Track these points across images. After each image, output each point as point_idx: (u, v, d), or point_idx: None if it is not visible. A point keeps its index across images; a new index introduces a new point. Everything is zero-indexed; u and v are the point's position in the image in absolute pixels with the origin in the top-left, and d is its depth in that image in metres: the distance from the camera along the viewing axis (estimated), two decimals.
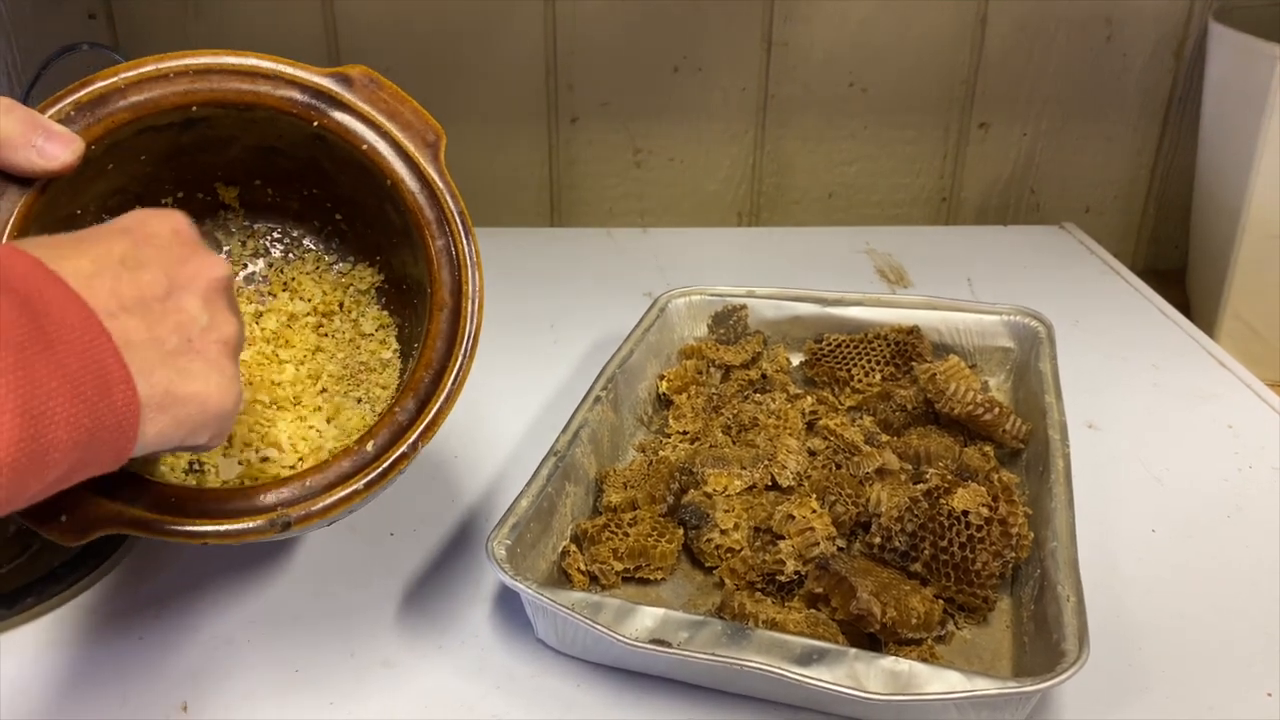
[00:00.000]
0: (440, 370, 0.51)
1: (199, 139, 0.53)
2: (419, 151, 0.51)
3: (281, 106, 0.51)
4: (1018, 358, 0.77)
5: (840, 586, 0.54)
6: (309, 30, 1.08)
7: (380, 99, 0.52)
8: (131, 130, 0.49)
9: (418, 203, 0.51)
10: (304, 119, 0.51)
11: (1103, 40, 1.11)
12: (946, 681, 0.47)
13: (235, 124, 0.52)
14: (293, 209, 0.59)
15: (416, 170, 0.52)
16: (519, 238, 1.11)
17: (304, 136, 0.52)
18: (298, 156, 0.54)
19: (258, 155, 0.55)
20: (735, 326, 0.82)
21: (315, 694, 0.53)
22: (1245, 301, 0.97)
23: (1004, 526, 0.57)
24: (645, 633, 0.50)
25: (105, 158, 0.50)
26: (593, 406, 0.67)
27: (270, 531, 0.46)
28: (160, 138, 0.51)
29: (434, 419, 0.50)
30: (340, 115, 0.51)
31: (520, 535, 0.56)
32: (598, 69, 1.11)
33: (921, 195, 1.19)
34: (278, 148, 0.54)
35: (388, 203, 0.53)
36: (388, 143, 0.51)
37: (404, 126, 0.52)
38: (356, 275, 0.61)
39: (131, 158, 0.52)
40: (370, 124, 0.51)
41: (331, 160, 0.54)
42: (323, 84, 0.51)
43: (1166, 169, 1.18)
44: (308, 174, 0.56)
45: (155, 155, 0.53)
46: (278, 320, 0.59)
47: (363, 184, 0.53)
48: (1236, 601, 0.59)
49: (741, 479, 0.64)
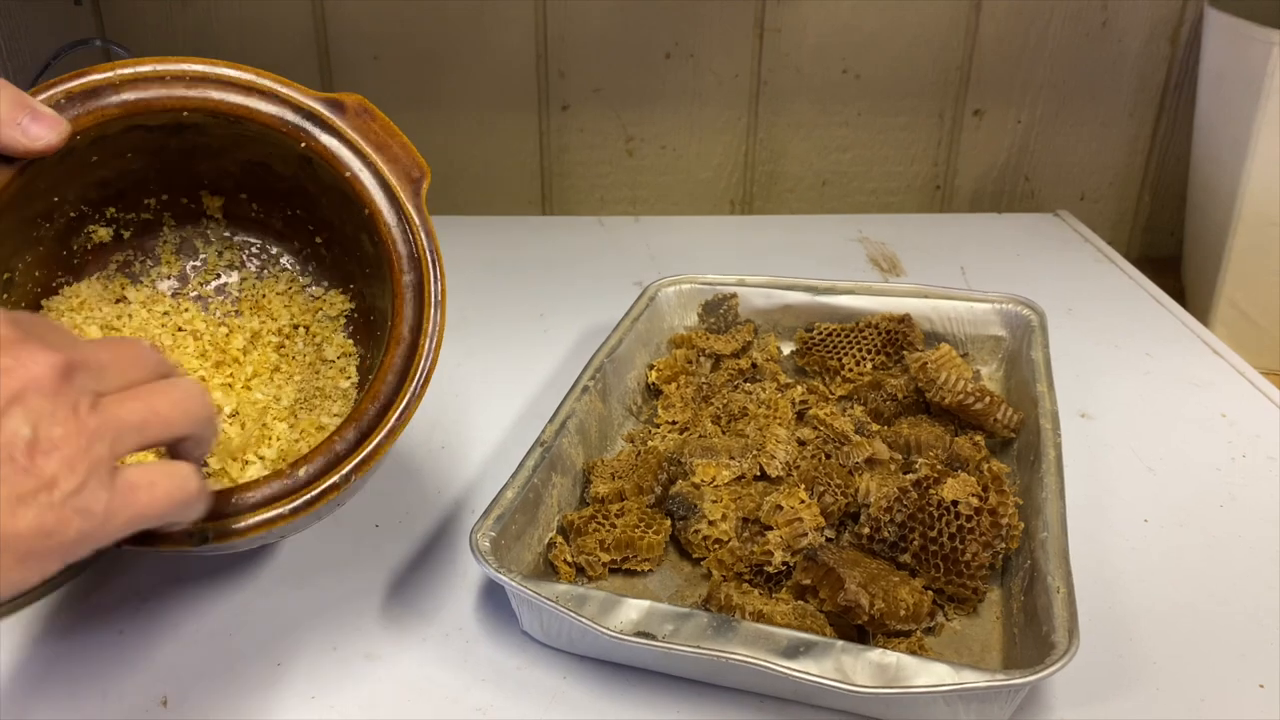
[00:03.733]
0: (387, 405, 0.49)
1: (189, 146, 0.53)
2: (401, 186, 0.51)
3: (272, 124, 0.51)
4: (1009, 346, 0.77)
5: (828, 578, 0.54)
6: (298, 18, 1.07)
7: (371, 129, 0.52)
8: (121, 126, 0.49)
9: (392, 235, 0.51)
10: (292, 138, 0.51)
11: (1098, 26, 1.10)
12: (934, 674, 0.46)
13: (225, 136, 0.52)
14: (275, 227, 0.59)
15: (396, 204, 0.51)
16: (509, 226, 1.10)
17: (292, 156, 0.52)
18: (285, 175, 0.55)
19: (247, 169, 0.55)
20: (725, 315, 0.81)
21: (297, 687, 0.53)
22: (1240, 289, 0.97)
23: (994, 517, 0.56)
24: (630, 625, 0.49)
25: (90, 150, 0.50)
26: (580, 396, 0.67)
27: (187, 543, 0.44)
28: (150, 138, 0.51)
29: (372, 452, 0.48)
30: (328, 139, 0.51)
31: (505, 527, 0.55)
32: (589, 56, 1.10)
33: (915, 183, 1.19)
34: (267, 164, 0.54)
35: (364, 232, 0.53)
36: (371, 173, 0.51)
37: (390, 159, 0.52)
38: (328, 300, 0.60)
39: (118, 153, 0.51)
40: (357, 152, 0.51)
41: (315, 183, 0.54)
42: (315, 107, 0.52)
43: (1162, 156, 1.17)
44: (294, 194, 0.56)
45: (143, 154, 0.53)
46: (243, 338, 0.58)
47: (343, 210, 0.53)
48: (1229, 592, 0.59)
49: (730, 469, 0.63)
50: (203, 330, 0.58)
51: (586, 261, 1.02)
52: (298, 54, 1.09)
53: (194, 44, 1.08)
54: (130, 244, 0.58)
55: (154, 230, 0.58)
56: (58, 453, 0.32)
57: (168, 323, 0.58)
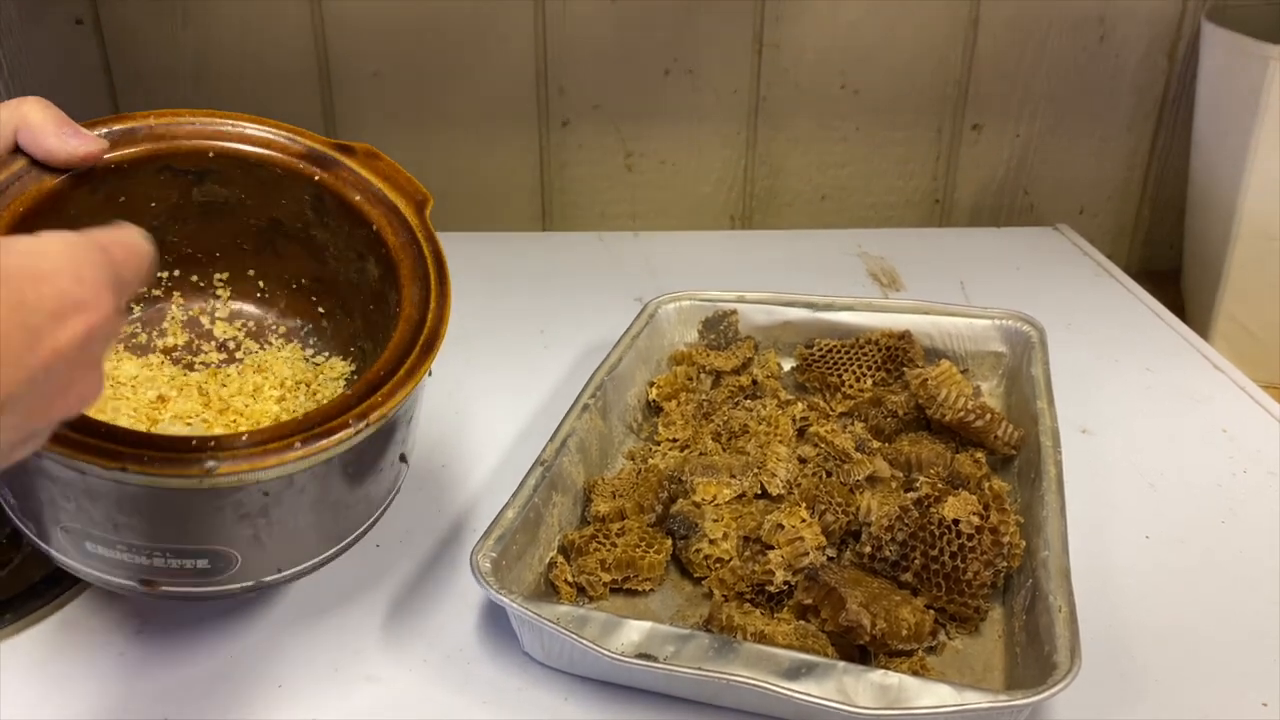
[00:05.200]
0: (397, 366, 0.49)
1: (209, 201, 0.56)
2: (406, 207, 0.54)
3: (287, 163, 0.55)
4: (1010, 363, 0.77)
5: (830, 597, 0.54)
6: (298, 36, 1.07)
7: (377, 167, 0.56)
8: (152, 168, 0.53)
9: (398, 240, 0.54)
10: (305, 173, 0.55)
11: (1095, 40, 1.10)
12: (937, 695, 0.46)
13: (244, 185, 0.56)
14: (279, 305, 0.61)
15: (401, 218, 0.54)
16: (509, 242, 1.11)
17: (303, 202, 0.56)
18: (295, 234, 0.57)
19: (259, 236, 0.58)
20: (726, 332, 0.81)
21: (298, 709, 0.52)
22: (1239, 303, 0.97)
23: (995, 535, 0.56)
24: (632, 647, 0.49)
25: (120, 185, 0.52)
26: (581, 415, 0.67)
27: (194, 470, 0.43)
28: (175, 185, 0.55)
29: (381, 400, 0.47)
30: (336, 170, 0.55)
31: (506, 547, 0.55)
32: (588, 72, 1.11)
33: (914, 197, 1.19)
34: (279, 221, 0.57)
35: (371, 255, 0.55)
36: (378, 197, 0.55)
37: (395, 188, 0.55)
38: (329, 366, 0.61)
39: (144, 199, 0.54)
40: (363, 182, 0.55)
41: (324, 226, 0.57)
42: (327, 150, 0.56)
43: (1160, 170, 1.17)
44: (302, 258, 0.59)
45: (165, 207, 0.55)
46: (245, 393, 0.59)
47: (351, 239, 0.56)
48: (1232, 609, 0.59)
49: (731, 488, 0.63)
50: (206, 382, 0.58)
51: (586, 277, 1.02)
52: (298, 71, 1.09)
53: (194, 63, 1.08)
54: (138, 319, 0.60)
55: (163, 306, 0.60)
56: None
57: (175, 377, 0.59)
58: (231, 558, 0.48)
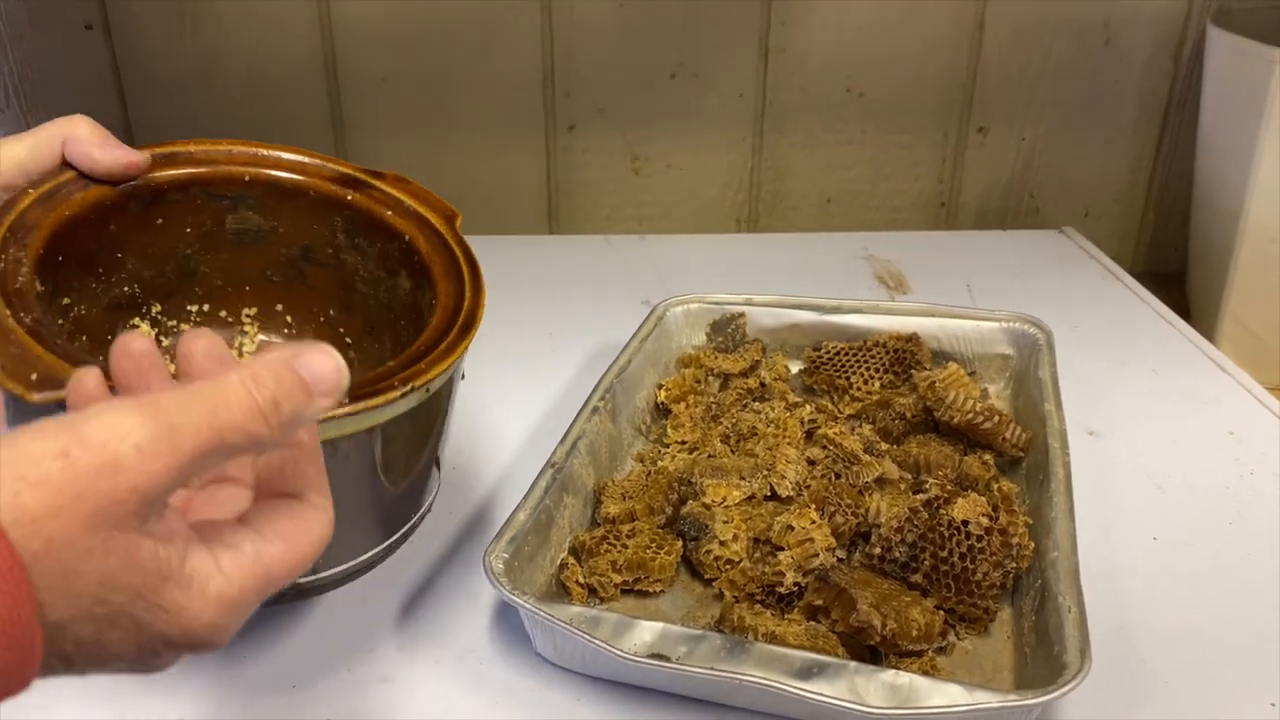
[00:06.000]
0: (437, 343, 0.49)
1: (242, 227, 0.57)
2: (437, 220, 0.56)
3: (320, 186, 0.57)
4: (1017, 365, 0.77)
5: (840, 598, 0.54)
6: (306, 40, 1.08)
7: (408, 189, 0.57)
8: (190, 191, 0.55)
9: (430, 245, 0.55)
10: (337, 195, 0.56)
11: (1101, 44, 1.11)
12: (947, 695, 0.46)
13: (277, 211, 0.57)
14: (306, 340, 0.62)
15: (432, 228, 0.55)
16: (516, 245, 1.11)
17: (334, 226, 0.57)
18: (325, 260, 0.58)
19: (289, 267, 0.59)
20: (734, 334, 0.82)
21: (313, 709, 0.53)
22: (1245, 305, 0.97)
23: (1004, 536, 0.56)
24: (644, 647, 0.50)
25: (159, 208, 0.54)
26: (590, 417, 0.67)
27: None
28: (210, 210, 0.56)
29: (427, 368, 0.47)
30: (367, 191, 0.57)
31: (518, 548, 0.56)
32: (595, 76, 1.11)
33: (920, 200, 1.19)
34: (310, 247, 0.58)
35: (402, 268, 0.56)
36: (409, 211, 0.56)
37: (425, 205, 0.57)
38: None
39: (180, 223, 0.56)
40: (393, 200, 0.57)
41: (353, 248, 0.57)
42: (358, 174, 0.58)
43: (1165, 173, 1.18)
44: (331, 287, 0.59)
45: (199, 234, 0.57)
46: None
47: (381, 259, 0.57)
48: (1239, 610, 0.59)
49: (740, 489, 0.64)
50: None
51: (594, 280, 1.02)
52: (306, 76, 1.09)
53: (203, 67, 1.09)
54: (167, 351, 0.60)
55: None
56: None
57: None
58: None
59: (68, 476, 0.28)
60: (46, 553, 0.28)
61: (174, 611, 0.31)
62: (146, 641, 0.31)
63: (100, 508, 0.28)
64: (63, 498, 0.28)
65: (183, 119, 1.11)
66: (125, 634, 0.31)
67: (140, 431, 0.29)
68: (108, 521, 0.29)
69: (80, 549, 0.28)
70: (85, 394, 0.34)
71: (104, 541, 0.29)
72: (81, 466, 0.28)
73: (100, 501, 0.28)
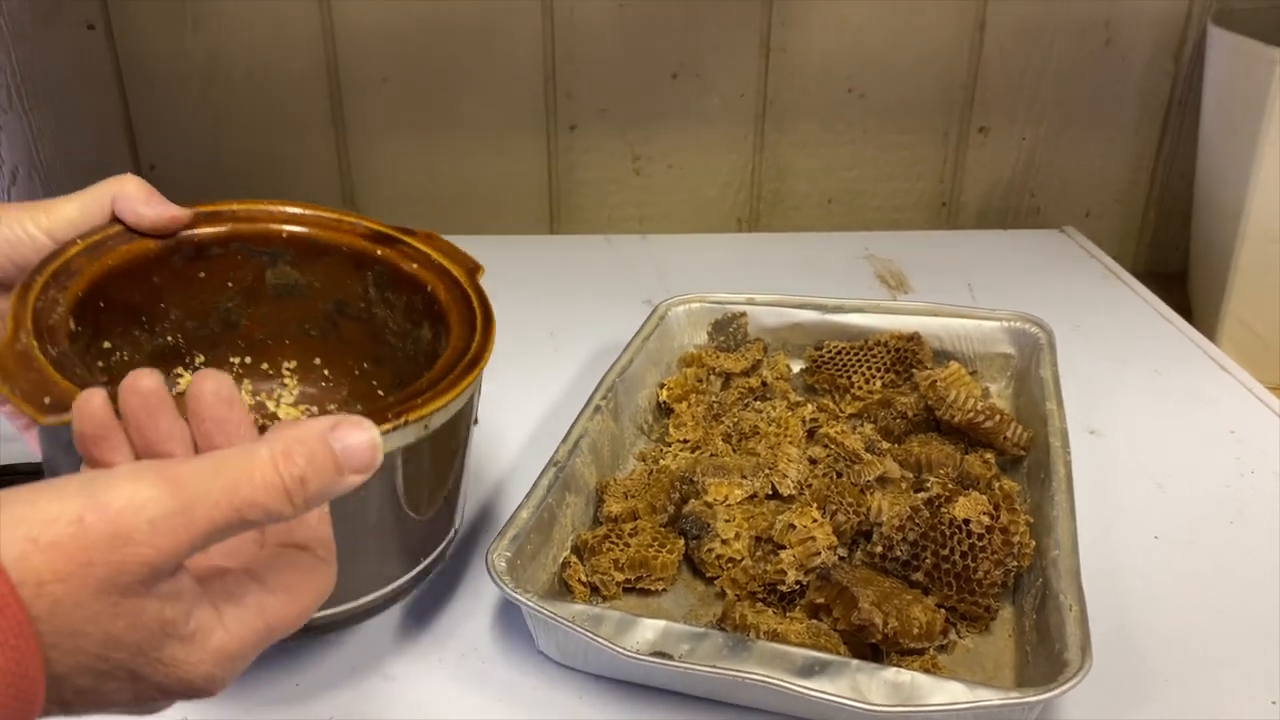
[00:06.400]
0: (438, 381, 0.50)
1: (281, 282, 0.59)
2: (458, 272, 0.58)
3: (352, 243, 0.59)
4: (1018, 364, 0.77)
5: (842, 597, 0.54)
6: (307, 41, 1.08)
7: (434, 244, 0.59)
8: (231, 247, 0.58)
9: (448, 297, 0.56)
10: (368, 251, 0.59)
11: (1101, 44, 1.11)
12: (949, 693, 0.47)
13: (313, 267, 0.60)
14: (340, 395, 0.63)
15: (454, 280, 0.57)
16: (518, 245, 1.11)
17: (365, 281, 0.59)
18: (358, 314, 0.61)
19: (324, 319, 0.61)
20: (735, 334, 0.82)
21: (315, 707, 0.53)
22: (1246, 305, 0.97)
23: (1005, 535, 0.57)
24: (646, 645, 0.50)
25: (202, 263, 0.57)
26: (593, 416, 0.67)
27: None
28: (250, 265, 0.59)
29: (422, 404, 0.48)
30: (397, 247, 0.59)
31: (521, 547, 0.56)
32: (596, 76, 1.11)
33: (921, 200, 1.19)
34: (344, 302, 0.61)
35: (425, 319, 0.58)
36: (433, 264, 0.58)
37: (450, 258, 0.58)
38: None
39: (222, 277, 0.58)
40: (421, 254, 0.59)
41: (383, 301, 0.60)
42: (389, 231, 0.60)
43: (1166, 172, 1.18)
44: (363, 339, 0.61)
45: (241, 288, 0.59)
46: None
47: (407, 310, 0.59)
48: (1240, 609, 0.59)
49: (742, 488, 0.64)
50: None
51: (595, 280, 1.02)
52: (308, 76, 1.10)
53: (205, 68, 1.09)
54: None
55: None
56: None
57: None
58: None
59: (79, 544, 0.29)
60: (52, 613, 0.29)
61: (172, 665, 0.32)
62: (143, 691, 0.32)
63: (109, 575, 0.29)
64: (73, 564, 0.28)
65: (184, 119, 1.11)
66: (123, 685, 0.31)
67: (156, 506, 0.30)
68: (116, 589, 0.29)
69: (87, 612, 0.29)
70: (90, 414, 0.35)
71: (111, 605, 0.29)
72: (94, 535, 0.29)
73: (109, 570, 0.29)
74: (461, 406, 0.51)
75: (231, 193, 1.12)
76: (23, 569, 0.28)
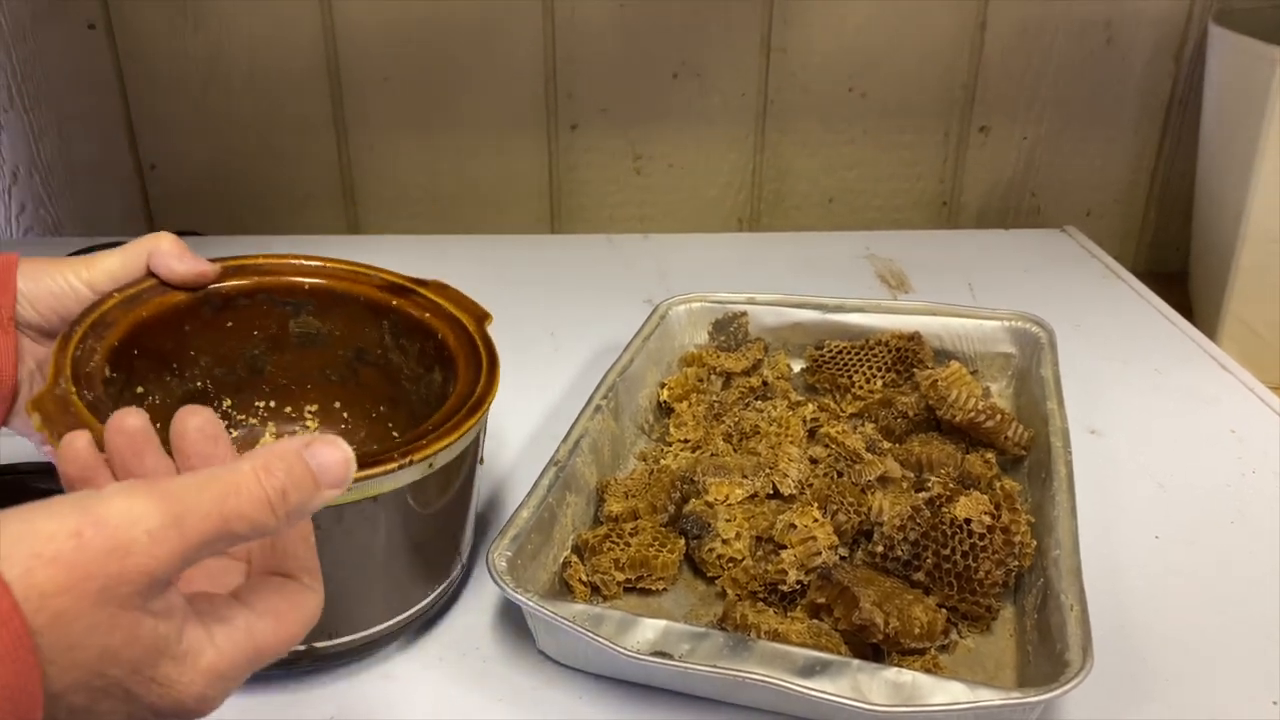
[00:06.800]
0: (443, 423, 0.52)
1: (304, 330, 0.63)
2: (468, 321, 0.60)
3: (369, 294, 0.62)
4: (1019, 364, 0.77)
5: (843, 596, 0.54)
6: (309, 40, 1.08)
7: (446, 293, 0.62)
8: (257, 299, 0.60)
9: (457, 343, 0.59)
10: (384, 301, 0.62)
11: (1102, 43, 1.11)
12: (950, 693, 0.47)
13: (333, 316, 0.62)
14: (359, 436, 0.65)
15: (463, 327, 0.60)
16: (519, 245, 1.11)
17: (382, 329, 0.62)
18: (375, 360, 0.63)
19: (345, 366, 0.64)
20: (736, 333, 0.82)
21: (316, 707, 0.53)
22: (1247, 304, 0.97)
23: (1006, 535, 0.57)
24: (647, 645, 0.50)
25: (229, 313, 0.60)
26: (593, 416, 0.67)
27: None
28: (275, 315, 0.62)
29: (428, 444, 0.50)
30: (410, 297, 0.62)
31: (521, 546, 0.56)
32: (597, 76, 1.11)
33: (922, 199, 1.19)
34: (363, 349, 0.63)
35: (436, 364, 0.60)
36: (444, 313, 0.61)
37: (460, 308, 0.61)
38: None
39: (248, 326, 0.61)
40: (433, 304, 0.61)
41: (398, 348, 0.62)
42: (403, 282, 0.63)
43: (1167, 172, 1.18)
44: (381, 384, 0.64)
45: (265, 336, 0.62)
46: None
47: (420, 356, 0.61)
48: (1241, 608, 0.59)
49: (743, 488, 0.64)
50: None
51: (596, 279, 1.02)
52: (309, 76, 1.10)
53: (206, 67, 1.09)
54: (236, 441, 0.63)
55: (257, 432, 0.65)
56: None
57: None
58: None
59: (79, 557, 0.29)
60: (53, 626, 0.29)
61: (166, 685, 0.32)
62: (136, 711, 0.32)
63: (108, 587, 0.30)
64: (74, 576, 0.29)
65: (185, 119, 1.12)
66: (116, 704, 0.32)
67: (152, 518, 0.30)
68: (114, 600, 0.30)
69: (86, 624, 0.30)
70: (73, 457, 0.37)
71: (109, 618, 0.30)
72: (93, 549, 0.29)
73: (109, 581, 0.30)
74: (465, 446, 0.53)
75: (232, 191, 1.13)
76: (26, 584, 0.29)
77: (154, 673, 0.32)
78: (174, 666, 0.32)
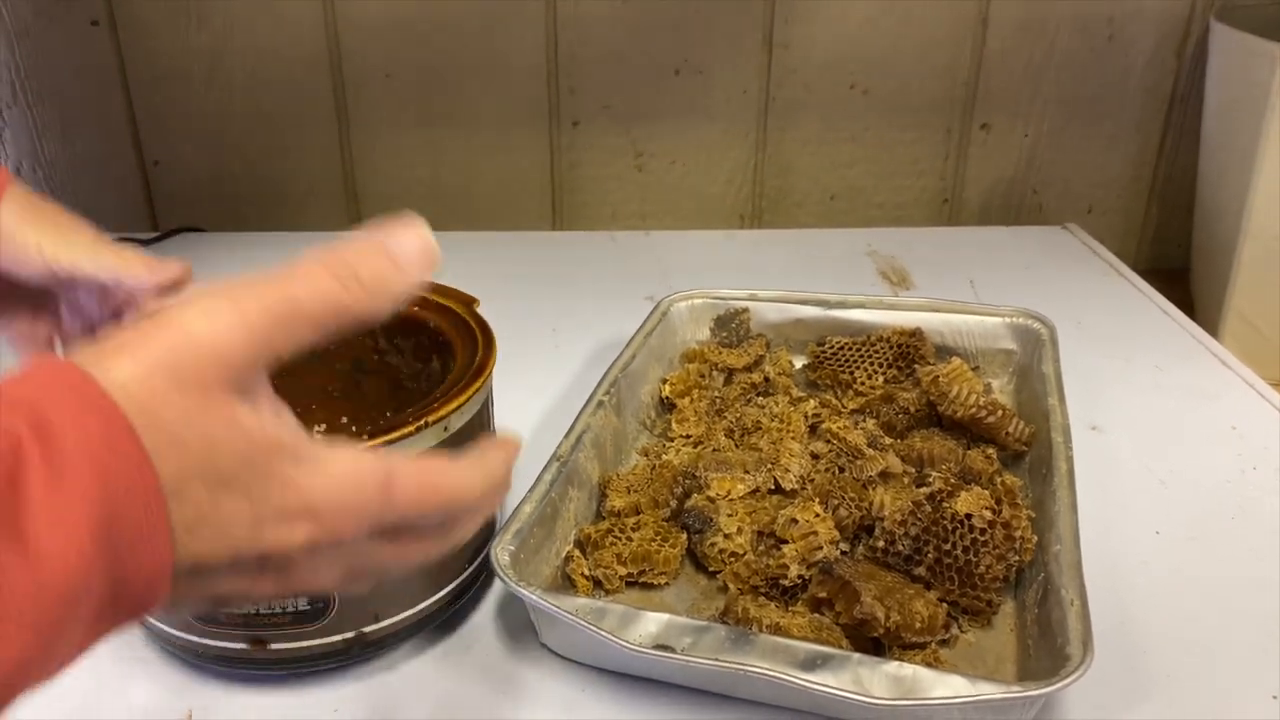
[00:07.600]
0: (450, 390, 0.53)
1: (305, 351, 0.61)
2: (456, 306, 0.61)
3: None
4: (1020, 360, 0.77)
5: (844, 591, 0.54)
6: (311, 38, 1.08)
7: (429, 286, 0.61)
8: None
9: (451, 328, 0.60)
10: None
11: (1104, 40, 1.11)
12: (951, 686, 0.47)
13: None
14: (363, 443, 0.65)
15: (453, 313, 0.61)
16: (521, 241, 1.11)
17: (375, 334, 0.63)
18: (374, 367, 0.64)
19: (345, 379, 0.65)
20: (737, 330, 0.82)
21: (321, 700, 0.53)
22: (1248, 301, 0.97)
23: (1007, 530, 0.57)
24: (649, 638, 0.50)
25: None
26: (595, 411, 0.67)
27: None
28: None
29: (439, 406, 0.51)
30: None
31: (524, 541, 0.56)
32: (599, 72, 1.11)
33: (923, 196, 1.19)
34: (360, 359, 0.64)
35: (433, 354, 0.61)
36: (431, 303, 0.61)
37: (445, 295, 0.62)
38: None
39: None
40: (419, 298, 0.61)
41: (394, 349, 0.63)
42: None
43: (1169, 169, 1.18)
44: (383, 389, 0.64)
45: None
46: None
47: (416, 351, 0.62)
48: (1241, 604, 0.59)
49: (744, 483, 0.64)
50: None
51: (598, 276, 1.03)
52: (311, 72, 1.10)
53: (209, 64, 1.09)
54: None
55: None
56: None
57: None
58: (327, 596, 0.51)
59: (145, 347, 0.29)
60: (141, 412, 0.28)
61: (287, 481, 0.31)
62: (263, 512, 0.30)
63: (180, 370, 0.29)
64: (143, 364, 0.29)
65: (187, 115, 1.12)
66: (239, 503, 0.30)
67: (212, 307, 0.30)
68: (195, 386, 0.29)
69: (176, 411, 0.29)
70: None
71: (198, 405, 0.29)
72: (156, 339, 0.29)
73: (180, 365, 0.29)
74: (477, 410, 0.54)
75: (234, 188, 1.13)
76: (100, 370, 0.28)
77: (269, 467, 0.31)
78: (293, 465, 0.31)
